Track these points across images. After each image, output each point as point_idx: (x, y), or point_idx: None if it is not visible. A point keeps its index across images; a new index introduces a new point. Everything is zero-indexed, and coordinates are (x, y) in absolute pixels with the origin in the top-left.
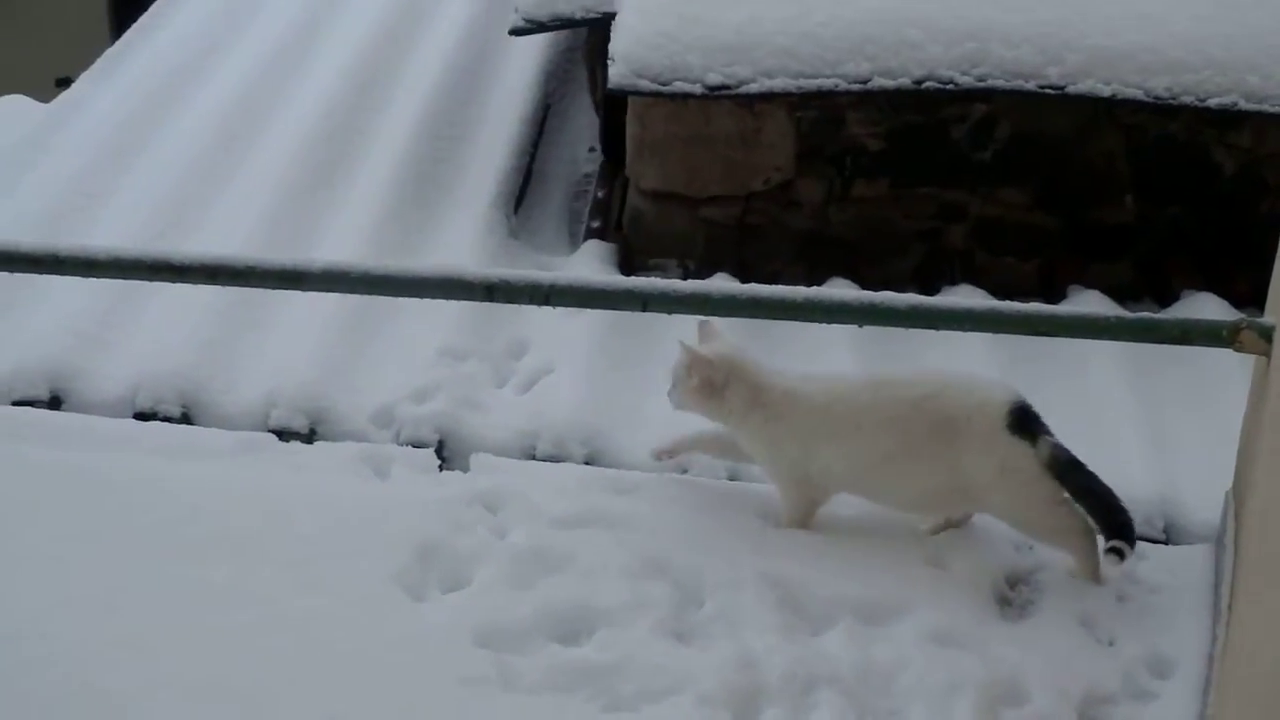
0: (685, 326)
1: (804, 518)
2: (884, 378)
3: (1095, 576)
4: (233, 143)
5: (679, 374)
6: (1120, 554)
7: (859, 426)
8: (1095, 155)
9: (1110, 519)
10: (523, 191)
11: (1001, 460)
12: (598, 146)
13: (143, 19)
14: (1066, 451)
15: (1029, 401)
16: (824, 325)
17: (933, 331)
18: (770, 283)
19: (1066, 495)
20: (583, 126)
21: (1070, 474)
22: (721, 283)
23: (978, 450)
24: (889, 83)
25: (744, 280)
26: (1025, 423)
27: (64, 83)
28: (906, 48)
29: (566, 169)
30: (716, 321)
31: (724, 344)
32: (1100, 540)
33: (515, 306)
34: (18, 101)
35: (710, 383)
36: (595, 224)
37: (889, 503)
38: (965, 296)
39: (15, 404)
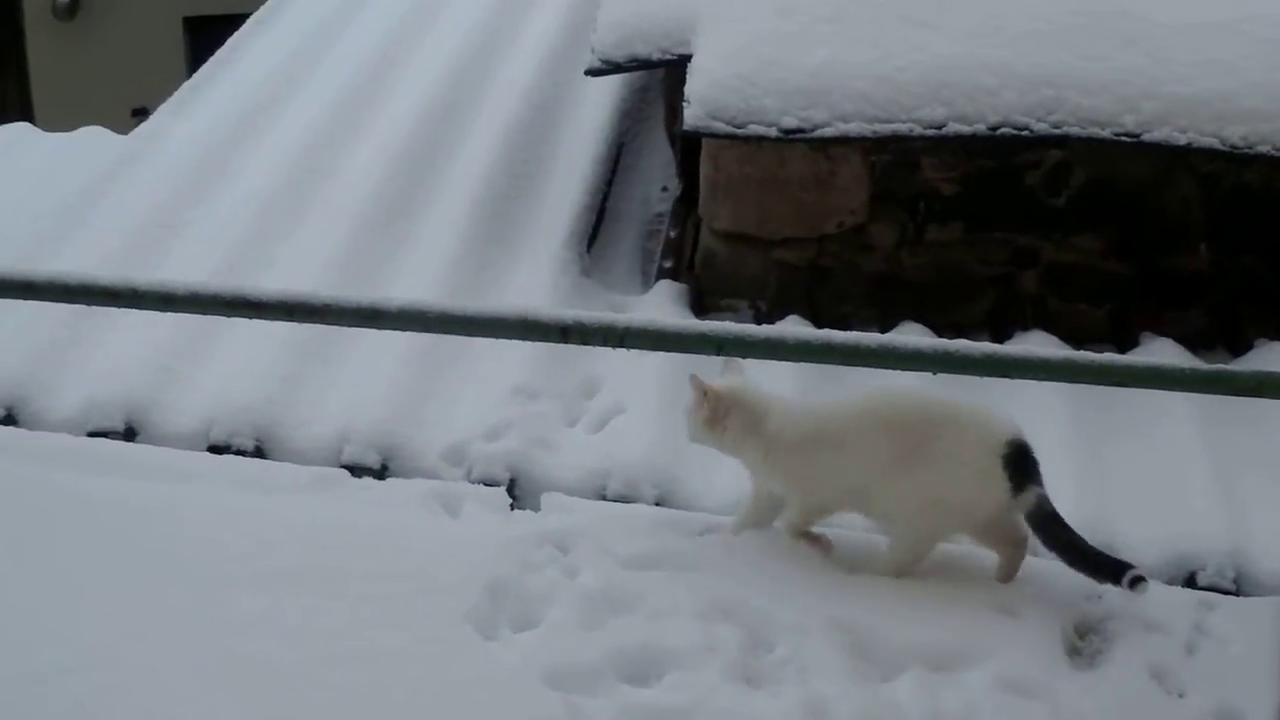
0: (756, 368)
1: (805, 523)
2: (884, 394)
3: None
4: (309, 177)
5: (690, 407)
6: (1143, 579)
7: (850, 440)
8: (1170, 202)
9: (1099, 565)
10: (596, 230)
11: (981, 487)
12: (671, 185)
13: (220, 52)
14: (1050, 505)
15: (1030, 445)
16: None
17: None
18: (841, 325)
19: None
20: (655, 165)
21: (1049, 528)
22: (795, 328)
23: (966, 468)
24: (964, 128)
25: (815, 322)
26: (1020, 465)
27: (140, 113)
28: (982, 93)
29: (639, 208)
30: (740, 360)
31: (736, 379)
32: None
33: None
34: (96, 133)
35: (715, 414)
36: (668, 264)
37: (879, 520)
38: (1037, 343)
39: (91, 435)
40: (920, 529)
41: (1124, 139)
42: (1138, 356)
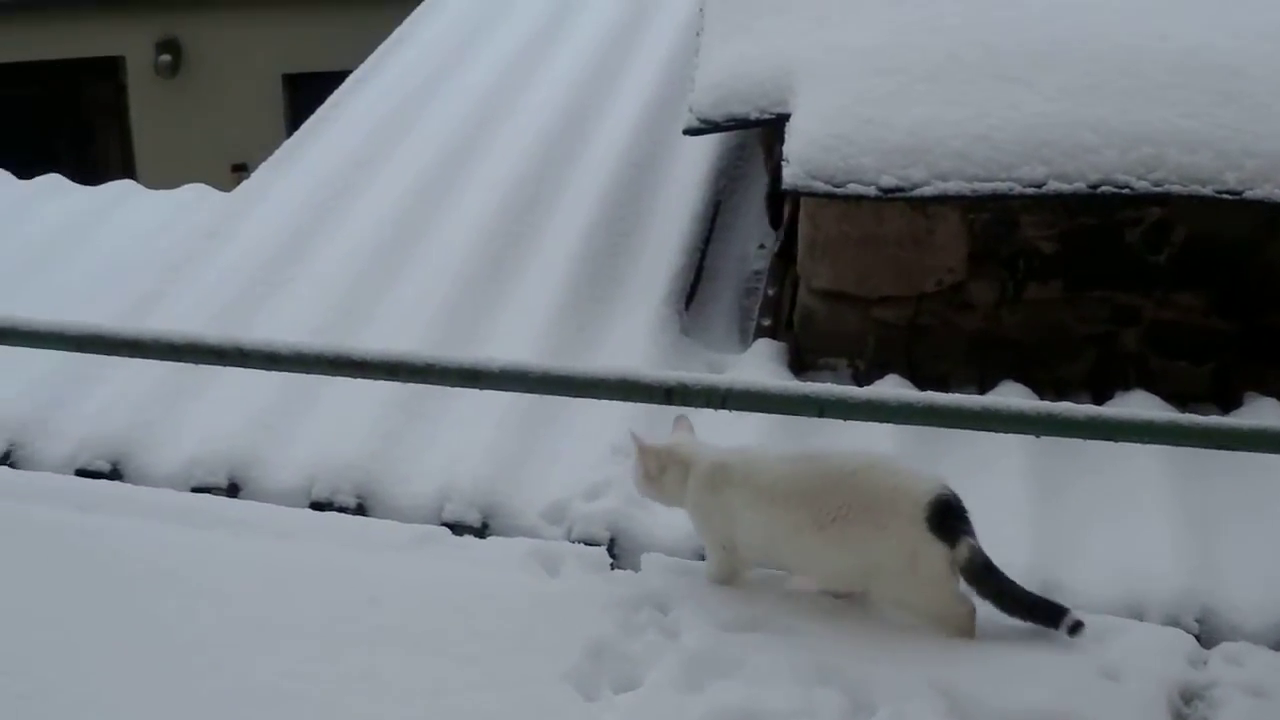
0: (857, 431)
1: (727, 578)
2: (812, 453)
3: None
4: (408, 234)
5: (633, 465)
6: (1081, 624)
7: (774, 497)
8: (1273, 259)
9: (1037, 610)
10: (694, 288)
11: (913, 551)
12: (768, 243)
13: (320, 110)
14: (983, 555)
15: (957, 496)
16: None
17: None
18: (940, 384)
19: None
20: (753, 223)
21: (984, 578)
22: (897, 390)
23: (891, 536)
24: (1064, 186)
25: (914, 381)
26: (946, 519)
27: (240, 169)
28: (1082, 151)
29: (737, 266)
30: (690, 417)
31: (679, 435)
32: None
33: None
34: (198, 190)
35: (649, 470)
36: (766, 322)
37: (802, 575)
38: (1138, 403)
39: (195, 490)
40: (908, 601)
41: (1225, 196)
42: (1242, 418)
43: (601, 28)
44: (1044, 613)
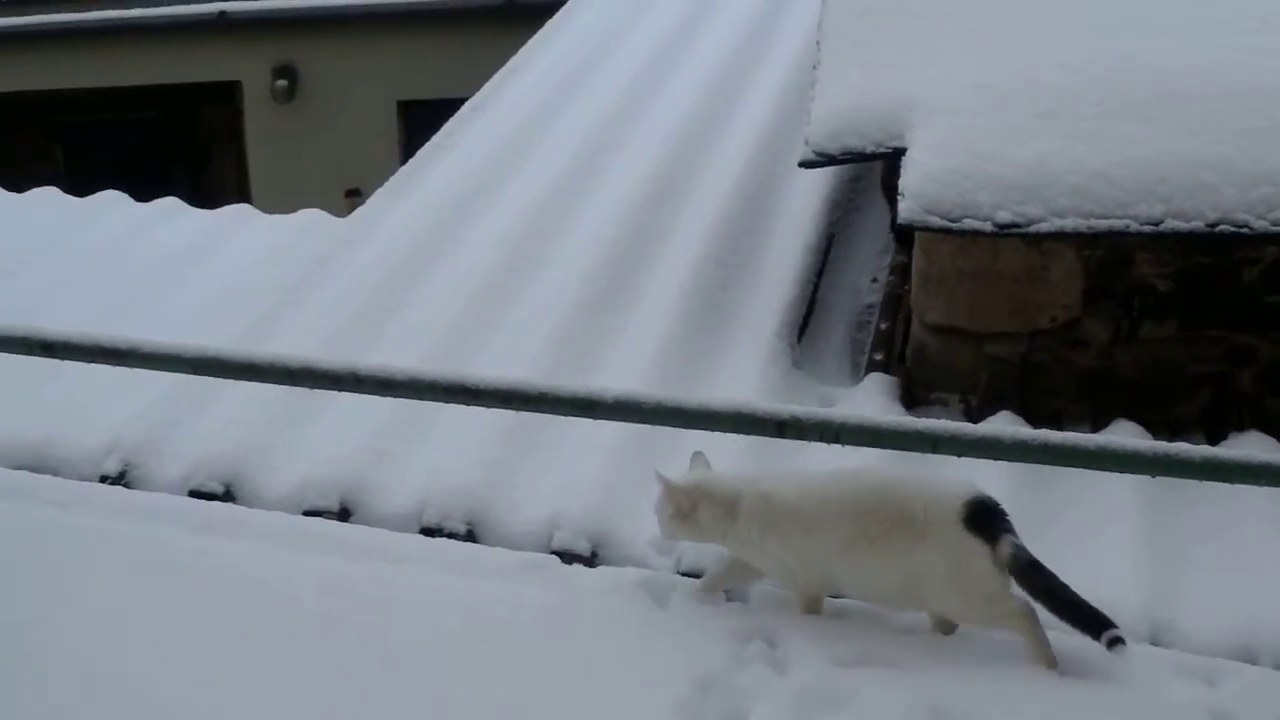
0: (966, 466)
1: (812, 605)
2: (845, 471)
3: (1050, 661)
4: (522, 262)
5: (658, 506)
6: (1122, 640)
7: (823, 518)
8: None
9: (1081, 615)
10: (806, 320)
11: (955, 557)
12: (881, 276)
13: (436, 137)
14: (1027, 552)
15: (992, 498)
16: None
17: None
18: (1052, 422)
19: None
20: (866, 256)
21: (1031, 575)
22: (1011, 427)
23: (931, 544)
24: (1182, 225)
25: (1026, 418)
26: (982, 519)
27: (353, 194)
28: (1201, 190)
29: (849, 299)
30: (704, 454)
31: (700, 472)
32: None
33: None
34: (314, 215)
35: (679, 510)
36: (878, 356)
37: (862, 596)
38: (1253, 444)
39: (306, 513)
40: (958, 605)
41: None
42: None
43: (715, 59)
44: (1089, 620)
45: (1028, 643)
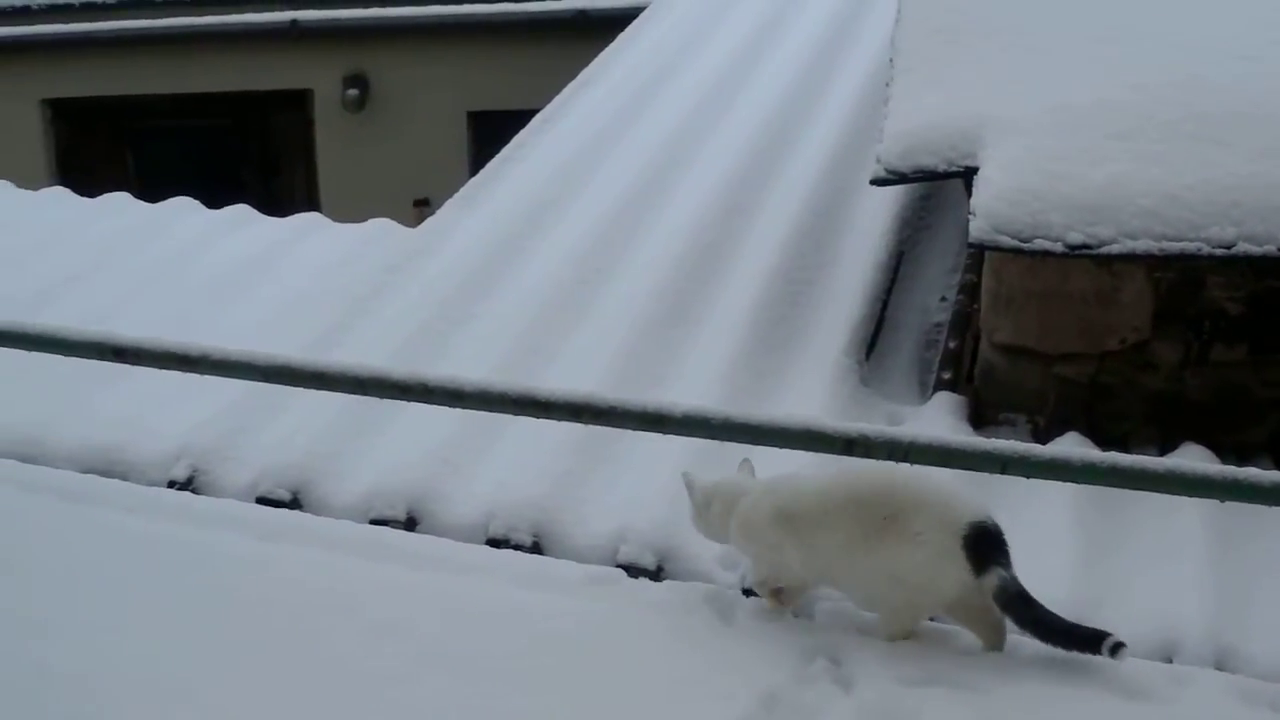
0: (1033, 487)
1: (786, 602)
2: (853, 469)
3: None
4: (591, 275)
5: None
6: (1123, 644)
7: (823, 513)
8: None
9: (1075, 638)
10: (874, 338)
11: (936, 568)
12: (949, 295)
13: (506, 149)
14: (1017, 584)
15: (998, 527)
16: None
17: None
18: (1120, 444)
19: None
20: (935, 275)
21: (1018, 607)
22: (1080, 449)
23: (922, 549)
24: (1254, 248)
25: (1094, 439)
26: (980, 547)
27: (422, 204)
28: (1274, 213)
29: (918, 317)
30: (753, 460)
31: (731, 474)
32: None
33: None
34: (384, 225)
35: (699, 506)
36: (946, 375)
37: (846, 593)
38: None
39: (373, 522)
40: (890, 606)
41: None
42: None
43: (786, 75)
44: (1084, 640)
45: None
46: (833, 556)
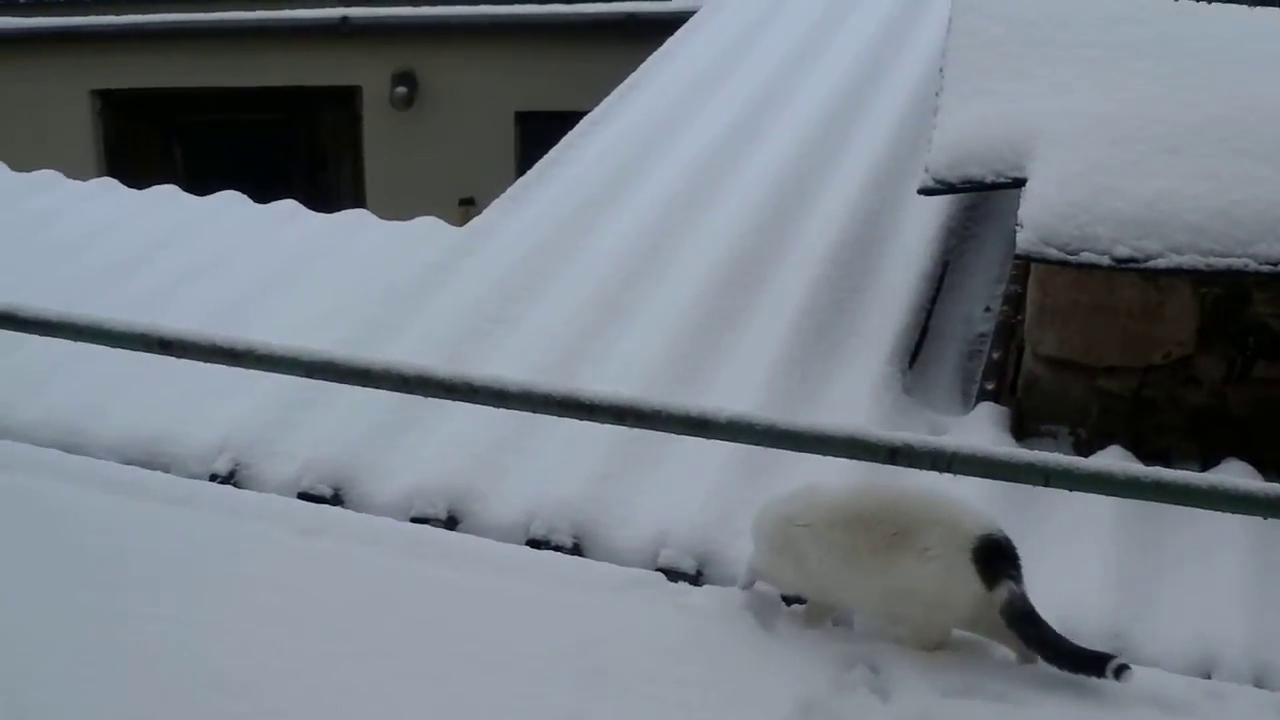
0: (1074, 498)
1: (815, 620)
2: (870, 483)
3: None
4: (637, 278)
5: None
6: (1128, 666)
7: (832, 524)
8: None
9: (1080, 660)
10: (918, 347)
11: (948, 583)
12: (994, 306)
13: (554, 150)
14: (1026, 601)
15: (1009, 539)
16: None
17: None
18: (1162, 458)
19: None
20: (979, 285)
21: (1025, 625)
22: (1124, 464)
23: (932, 563)
24: None
25: (1136, 453)
26: (990, 560)
27: (467, 203)
28: None
29: (961, 328)
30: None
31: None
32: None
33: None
34: (430, 224)
35: None
36: (989, 386)
37: (872, 615)
38: None
39: (414, 520)
40: (909, 624)
41: None
42: None
43: (834, 82)
44: (1087, 662)
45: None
46: (832, 573)
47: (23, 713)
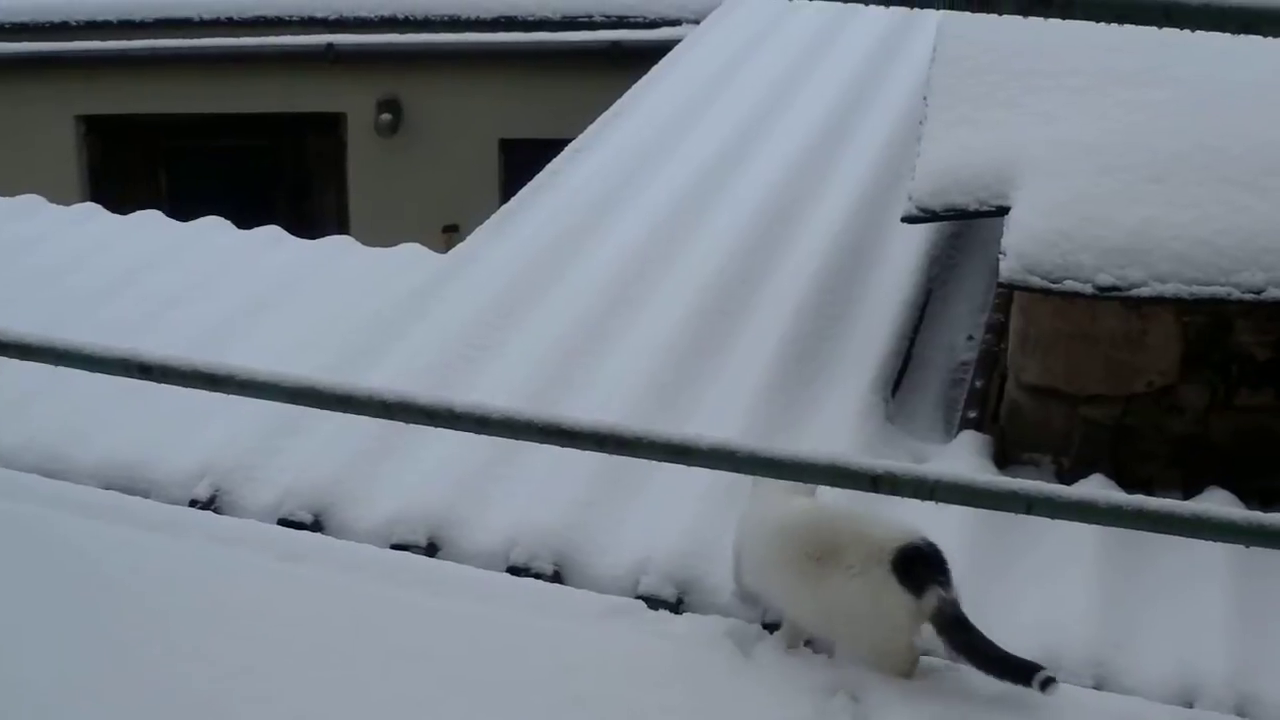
0: (1062, 531)
1: (791, 642)
2: (805, 503)
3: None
4: (620, 305)
5: None
6: (1054, 680)
7: (774, 534)
8: None
9: (1009, 667)
10: (901, 375)
11: (876, 600)
12: (977, 334)
13: (538, 177)
14: (955, 607)
15: (933, 547)
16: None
17: None
18: (1144, 487)
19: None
20: (962, 313)
21: (954, 631)
22: (1108, 491)
23: (857, 580)
24: None
25: (1118, 482)
26: (913, 568)
27: (451, 230)
28: None
29: (944, 355)
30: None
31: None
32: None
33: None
34: (414, 250)
35: None
36: (972, 414)
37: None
38: None
39: (394, 547)
40: (861, 646)
41: None
42: None
43: (818, 111)
44: (1016, 671)
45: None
46: (782, 595)
47: None
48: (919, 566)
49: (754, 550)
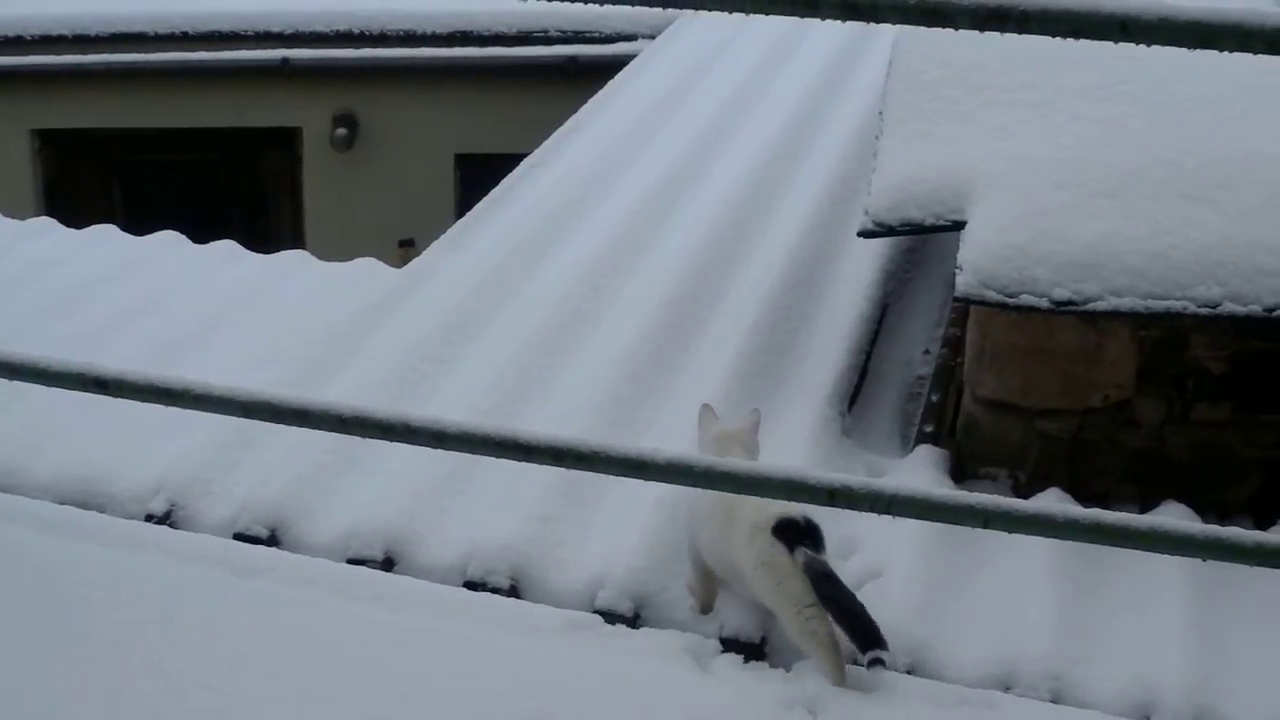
0: (1020, 545)
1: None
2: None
3: (839, 680)
4: (576, 321)
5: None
6: (882, 662)
7: (701, 511)
8: None
9: (856, 626)
10: (857, 390)
11: (765, 561)
12: (933, 348)
13: (494, 191)
14: (823, 564)
15: (810, 521)
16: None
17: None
18: (1100, 501)
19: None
20: (919, 328)
21: (821, 583)
22: (1064, 505)
23: (749, 547)
24: (1239, 308)
25: (1075, 496)
26: (787, 533)
27: (407, 244)
28: (1260, 275)
29: (901, 370)
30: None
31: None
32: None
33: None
34: (369, 265)
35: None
36: (928, 428)
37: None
38: None
39: (350, 562)
40: (774, 608)
41: None
42: None
43: (774, 126)
44: (862, 635)
45: (821, 667)
46: (710, 557)
47: None
48: (793, 532)
49: (692, 501)
